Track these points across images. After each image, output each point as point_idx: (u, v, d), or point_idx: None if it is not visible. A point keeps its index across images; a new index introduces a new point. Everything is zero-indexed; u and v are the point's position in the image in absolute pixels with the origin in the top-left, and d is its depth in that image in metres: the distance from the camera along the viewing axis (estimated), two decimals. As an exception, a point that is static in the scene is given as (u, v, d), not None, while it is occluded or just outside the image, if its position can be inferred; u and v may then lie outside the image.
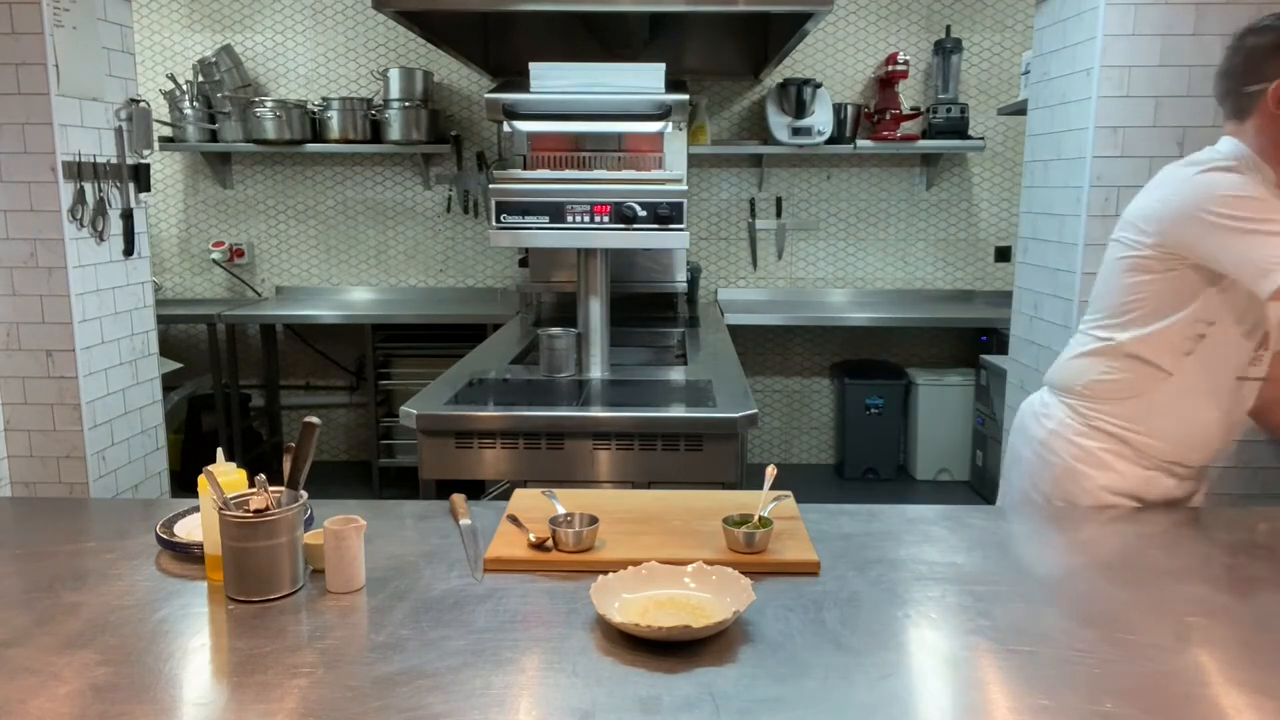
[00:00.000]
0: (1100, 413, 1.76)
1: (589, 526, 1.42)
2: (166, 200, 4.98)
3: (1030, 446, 1.88)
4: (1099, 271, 1.81)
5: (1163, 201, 1.65)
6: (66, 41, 2.79)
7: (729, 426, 2.22)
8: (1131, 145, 2.69)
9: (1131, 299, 1.69)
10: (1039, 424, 1.86)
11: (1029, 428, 1.90)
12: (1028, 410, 1.93)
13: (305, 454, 1.31)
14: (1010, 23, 4.75)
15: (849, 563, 1.42)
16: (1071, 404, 1.80)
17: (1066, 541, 1.59)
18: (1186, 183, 1.63)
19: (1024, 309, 3.19)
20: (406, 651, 1.13)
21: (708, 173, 4.93)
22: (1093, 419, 1.76)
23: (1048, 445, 1.82)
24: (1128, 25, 2.62)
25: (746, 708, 1.02)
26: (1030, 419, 1.91)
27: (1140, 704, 1.03)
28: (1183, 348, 1.66)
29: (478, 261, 5.04)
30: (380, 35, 4.82)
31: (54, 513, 1.69)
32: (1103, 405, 1.75)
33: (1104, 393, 1.75)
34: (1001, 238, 4.95)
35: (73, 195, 2.83)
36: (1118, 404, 1.74)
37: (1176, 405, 1.69)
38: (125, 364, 3.12)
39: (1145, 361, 1.69)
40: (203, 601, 1.28)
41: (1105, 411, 1.75)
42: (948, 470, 4.85)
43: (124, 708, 1.01)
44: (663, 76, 2.57)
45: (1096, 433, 1.76)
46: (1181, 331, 1.65)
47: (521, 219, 2.43)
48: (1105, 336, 1.74)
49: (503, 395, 2.47)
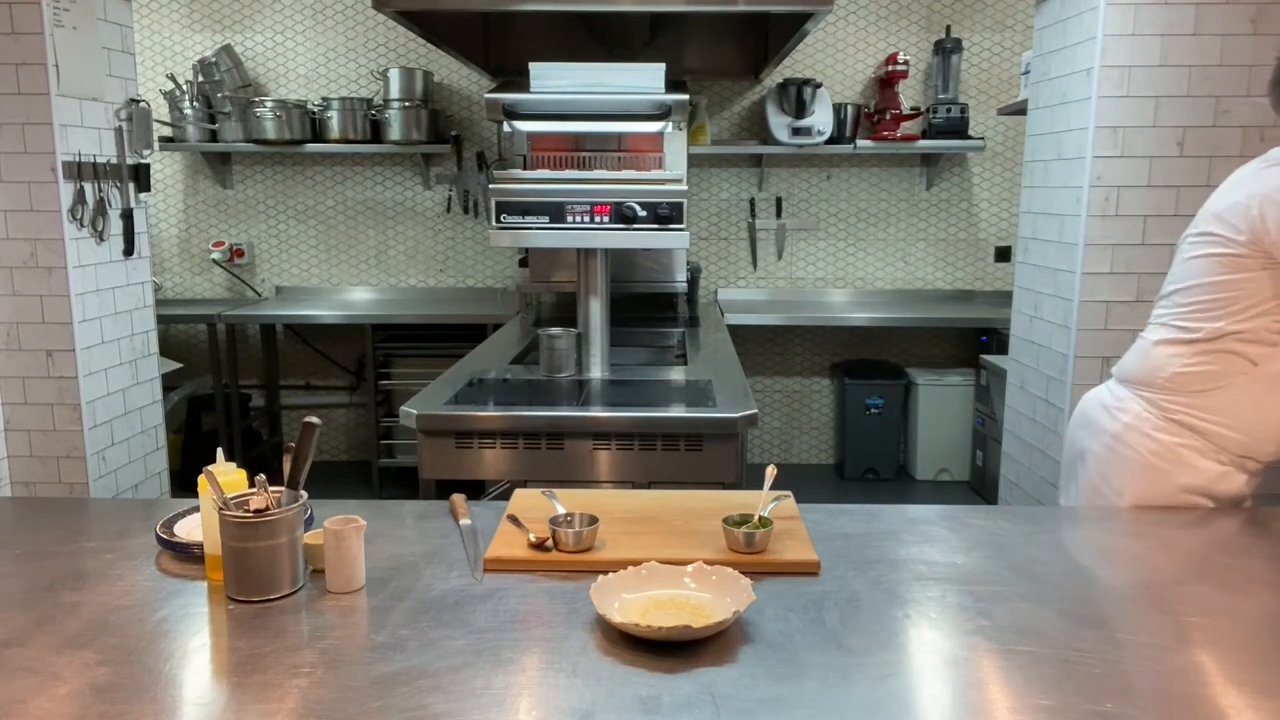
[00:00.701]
0: (1181, 405, 1.74)
1: (589, 526, 1.42)
2: (166, 200, 4.99)
3: (1100, 440, 1.84)
4: (1174, 267, 1.80)
5: (1255, 198, 1.64)
6: (66, 41, 2.79)
7: (729, 426, 2.22)
8: (1131, 145, 2.69)
9: (1222, 295, 1.69)
10: (1111, 417, 1.83)
11: (1099, 421, 1.86)
12: (1094, 403, 1.90)
13: (305, 454, 1.31)
14: (1010, 23, 4.75)
15: (849, 563, 1.42)
16: (1150, 397, 1.78)
17: (1066, 541, 1.59)
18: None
19: (1024, 309, 3.19)
20: (406, 651, 1.13)
21: (708, 173, 4.93)
22: (1172, 412, 1.74)
23: (1122, 439, 1.79)
24: (1128, 25, 2.62)
25: (746, 708, 1.02)
26: (1100, 412, 1.87)
27: (1140, 704, 1.03)
28: (1271, 339, 1.66)
29: (478, 261, 5.05)
30: (380, 35, 4.82)
31: (54, 513, 1.69)
32: (1185, 397, 1.73)
33: (1187, 384, 1.73)
34: (1001, 238, 4.95)
35: (73, 195, 2.83)
36: (1201, 396, 1.72)
37: (1260, 395, 1.69)
38: (125, 364, 3.12)
39: (1233, 353, 1.69)
40: (203, 601, 1.28)
41: (1186, 404, 1.73)
42: (948, 470, 4.85)
43: (124, 708, 1.01)
44: (663, 76, 2.57)
45: (1175, 426, 1.74)
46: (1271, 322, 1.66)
47: (521, 219, 2.43)
48: (1192, 328, 1.73)
49: (503, 395, 2.47)
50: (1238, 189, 1.70)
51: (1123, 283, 2.76)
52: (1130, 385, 1.83)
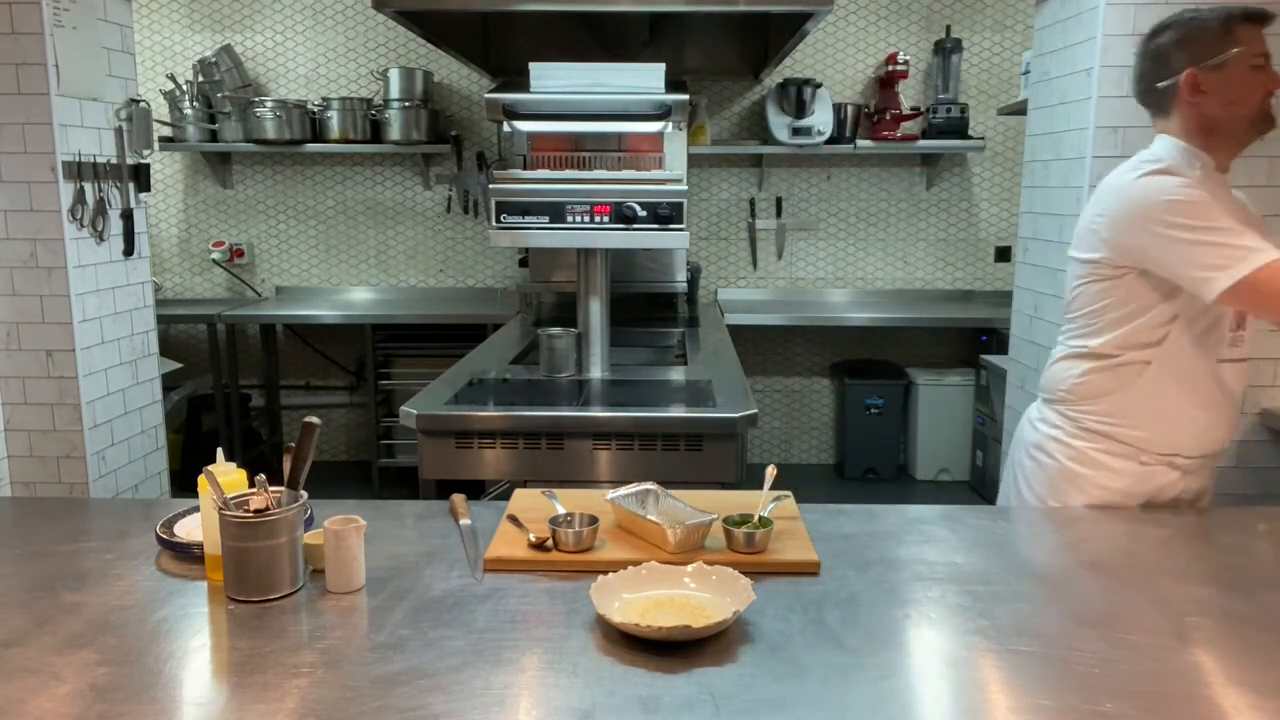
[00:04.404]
0: (1086, 413, 1.78)
1: (589, 526, 1.42)
2: (166, 200, 4.99)
3: (1025, 451, 1.91)
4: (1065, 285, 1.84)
5: (1107, 213, 1.70)
6: (66, 41, 2.79)
7: (729, 426, 2.22)
8: (1131, 145, 2.68)
9: (1096, 306, 1.74)
10: (1034, 429, 1.90)
11: (1024, 432, 1.94)
12: (1025, 419, 1.98)
13: (305, 454, 1.31)
14: (1010, 23, 4.75)
15: (849, 563, 1.42)
16: (1059, 409, 1.84)
17: (1066, 541, 1.59)
18: (1125, 191, 1.68)
19: (1024, 309, 3.19)
20: (406, 651, 1.13)
21: (708, 173, 4.93)
22: (1081, 420, 1.79)
23: (1042, 448, 1.85)
24: (1128, 25, 2.62)
25: (746, 708, 1.02)
26: (1026, 426, 1.95)
27: (1140, 704, 1.03)
28: (1152, 339, 1.69)
29: (478, 261, 5.05)
30: (380, 35, 4.82)
31: (54, 513, 1.69)
32: (1087, 405, 1.78)
33: (1085, 393, 1.78)
34: (1001, 238, 4.95)
35: (73, 195, 2.83)
36: (1100, 402, 1.76)
37: (1156, 395, 1.71)
38: (125, 364, 3.12)
39: (1118, 359, 1.73)
40: (203, 601, 1.28)
41: (1090, 411, 1.77)
42: (948, 470, 4.85)
43: (124, 708, 1.01)
44: (663, 76, 2.56)
45: (1087, 433, 1.78)
46: (1148, 326, 1.69)
47: (521, 219, 2.43)
48: (1078, 344, 1.79)
49: (503, 395, 2.47)
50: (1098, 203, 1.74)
51: (1123, 283, 2.76)
52: (1046, 400, 1.89)
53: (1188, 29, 1.69)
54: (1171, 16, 1.73)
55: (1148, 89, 1.77)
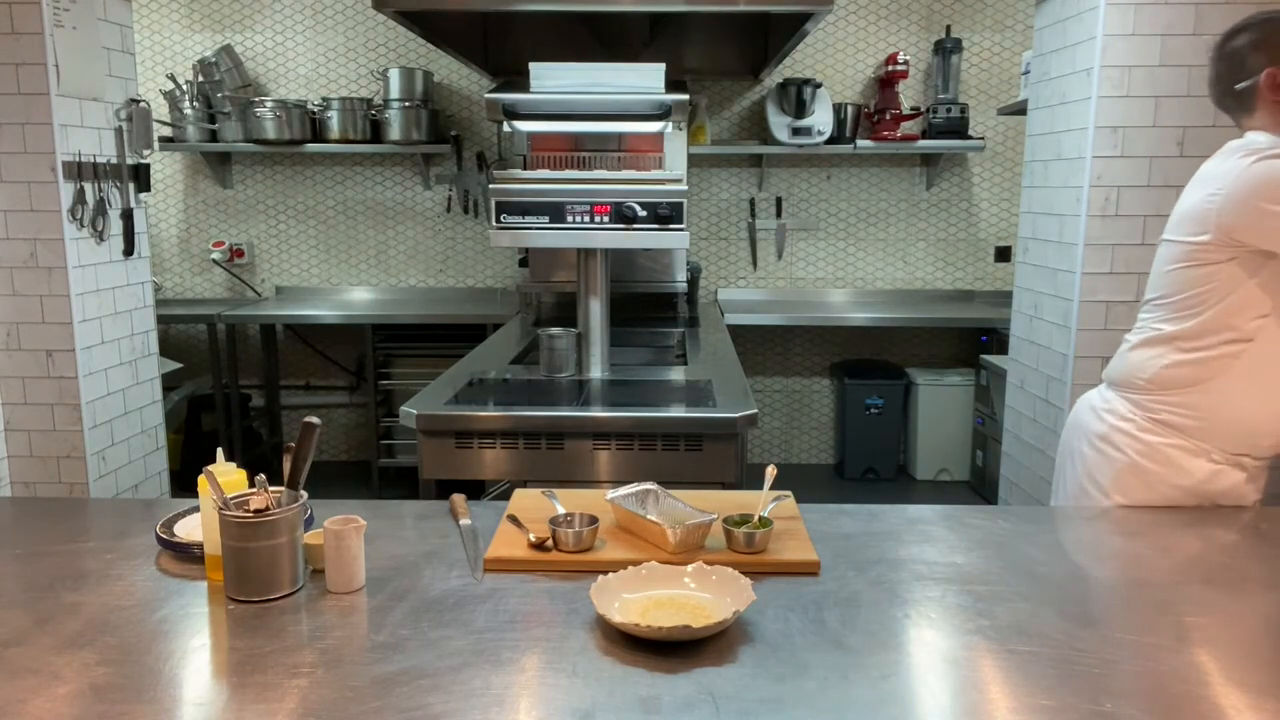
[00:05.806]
0: (1162, 403, 1.75)
1: (589, 526, 1.42)
2: (166, 200, 4.98)
3: (1088, 441, 1.86)
4: (1154, 271, 1.81)
5: (1223, 194, 1.66)
6: (66, 41, 2.79)
7: (729, 426, 2.22)
8: (1131, 145, 2.69)
9: (1193, 291, 1.70)
10: (1099, 419, 1.85)
11: (1087, 423, 1.89)
12: (1084, 406, 1.93)
13: (305, 454, 1.31)
14: (1010, 23, 4.75)
15: (849, 563, 1.42)
16: (1134, 399, 1.79)
17: (1066, 541, 1.59)
18: (1244, 174, 1.64)
19: (1024, 309, 3.19)
20: (406, 651, 1.13)
21: (708, 173, 4.93)
22: (1158, 412, 1.75)
23: (1109, 440, 1.81)
24: (1128, 25, 2.62)
25: (746, 708, 1.02)
26: (1088, 414, 1.90)
27: (1140, 704, 1.03)
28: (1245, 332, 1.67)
29: (478, 261, 5.05)
30: (380, 35, 4.82)
31: (54, 513, 1.69)
32: (1165, 395, 1.74)
33: (1166, 382, 1.74)
34: (1001, 238, 4.95)
35: (73, 195, 2.83)
36: (1180, 393, 1.73)
37: (1239, 390, 1.69)
38: (125, 364, 3.12)
39: (1213, 348, 1.69)
40: (203, 601, 1.28)
41: (1171, 403, 1.74)
42: (948, 470, 4.85)
43: (124, 708, 1.01)
44: (663, 76, 2.56)
45: (1161, 426, 1.75)
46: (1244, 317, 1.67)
47: (521, 219, 2.43)
48: (1166, 329, 1.74)
49: (503, 395, 2.47)
50: (1201, 187, 1.72)
51: (1123, 283, 2.76)
52: (1116, 388, 1.85)
53: (1264, 30, 1.70)
54: (1245, 20, 1.74)
55: (1226, 90, 1.76)
